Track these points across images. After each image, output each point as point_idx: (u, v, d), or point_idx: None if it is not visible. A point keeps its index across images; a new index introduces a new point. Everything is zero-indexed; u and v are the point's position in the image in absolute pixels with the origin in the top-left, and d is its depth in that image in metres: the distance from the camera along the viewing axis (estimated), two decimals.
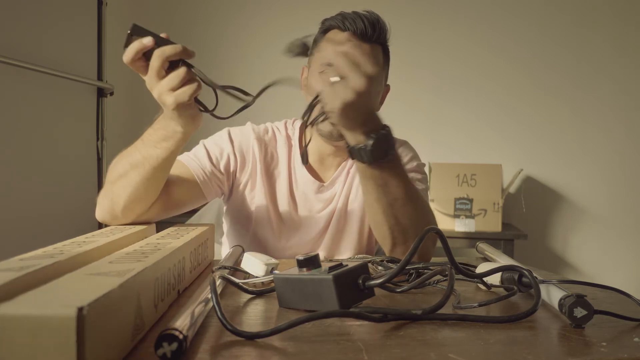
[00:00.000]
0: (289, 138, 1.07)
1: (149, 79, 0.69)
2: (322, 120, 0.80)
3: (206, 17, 2.61)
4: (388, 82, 1.05)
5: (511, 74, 2.50)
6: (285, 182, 1.03)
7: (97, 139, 2.25)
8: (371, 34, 0.94)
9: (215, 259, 0.90)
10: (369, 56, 0.80)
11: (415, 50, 2.53)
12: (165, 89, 0.68)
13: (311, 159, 1.06)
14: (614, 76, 2.45)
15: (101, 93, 2.25)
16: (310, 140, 1.04)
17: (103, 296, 0.35)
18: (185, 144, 0.79)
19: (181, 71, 0.67)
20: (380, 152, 0.73)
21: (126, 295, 0.40)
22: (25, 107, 1.81)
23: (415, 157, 1.08)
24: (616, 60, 2.45)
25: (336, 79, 0.67)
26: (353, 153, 0.74)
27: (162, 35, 0.68)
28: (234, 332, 0.45)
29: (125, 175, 0.81)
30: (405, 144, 1.10)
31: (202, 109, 0.75)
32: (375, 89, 0.98)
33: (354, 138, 0.73)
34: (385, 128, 0.74)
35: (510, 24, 2.50)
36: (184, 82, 0.67)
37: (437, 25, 2.53)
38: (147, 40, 0.66)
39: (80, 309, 0.31)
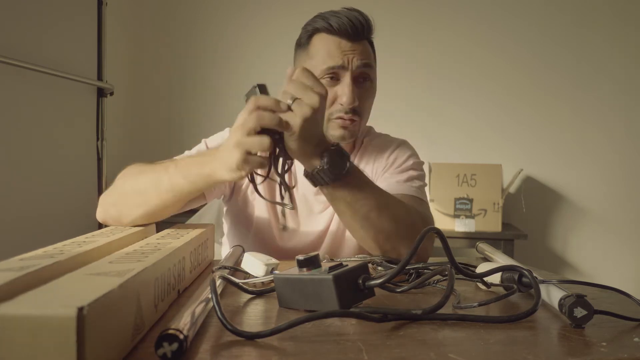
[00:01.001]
0: None
1: (241, 127, 0.66)
2: (282, 162, 0.75)
3: (206, 17, 2.61)
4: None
5: (511, 74, 2.50)
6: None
7: (97, 139, 2.25)
8: (361, 30, 0.93)
9: (215, 259, 0.90)
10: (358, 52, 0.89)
11: (416, 50, 2.53)
12: (247, 145, 0.66)
13: None
14: (614, 76, 2.45)
15: (101, 93, 2.25)
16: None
17: (103, 296, 0.35)
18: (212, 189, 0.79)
19: (266, 143, 0.65)
20: (338, 167, 0.73)
21: (126, 295, 0.40)
22: (25, 107, 1.81)
23: (413, 154, 1.08)
24: (616, 60, 2.45)
25: (289, 101, 0.68)
26: (314, 179, 0.74)
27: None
28: (234, 332, 0.45)
29: (144, 193, 0.79)
30: (404, 143, 1.10)
31: (251, 180, 0.74)
32: (371, 86, 0.99)
33: (310, 163, 0.73)
34: (334, 145, 0.74)
35: (510, 24, 2.50)
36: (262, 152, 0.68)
37: (437, 25, 2.53)
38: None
39: (80, 309, 0.31)
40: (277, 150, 0.71)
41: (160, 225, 0.86)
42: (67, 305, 0.32)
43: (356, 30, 0.93)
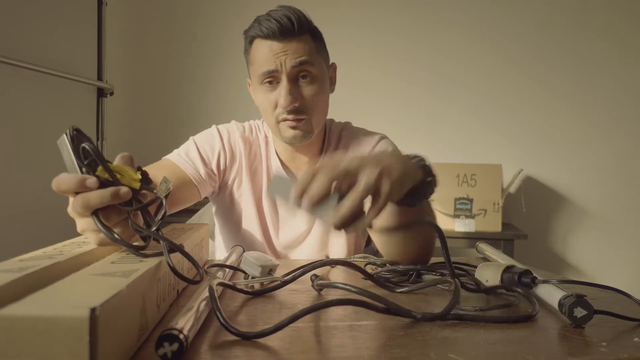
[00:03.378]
0: (266, 136, 1.09)
1: (72, 210, 0.54)
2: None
3: (206, 17, 2.61)
4: (334, 61, 1.05)
5: (511, 74, 2.50)
6: (265, 180, 1.05)
7: (97, 139, 2.25)
8: (290, 29, 0.91)
9: (209, 258, 0.90)
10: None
11: (415, 50, 2.53)
12: (84, 227, 0.56)
13: (282, 158, 1.07)
14: (614, 76, 2.45)
15: (101, 93, 2.25)
16: None
17: (113, 296, 0.35)
18: None
19: (91, 224, 0.53)
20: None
21: (133, 296, 0.40)
22: (25, 107, 1.81)
23: (396, 149, 1.07)
24: (616, 60, 2.45)
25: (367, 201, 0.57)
26: (425, 190, 0.67)
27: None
28: (237, 335, 0.45)
29: None
30: (385, 137, 1.09)
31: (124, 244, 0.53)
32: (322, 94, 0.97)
33: (414, 178, 0.65)
34: (416, 156, 0.69)
35: (510, 24, 2.50)
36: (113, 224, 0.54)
37: (437, 25, 2.53)
38: (91, 182, 0.50)
39: (92, 310, 0.31)
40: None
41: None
42: (80, 306, 0.31)
43: (284, 31, 0.91)
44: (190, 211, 1.35)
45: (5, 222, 1.70)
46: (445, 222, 2.20)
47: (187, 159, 0.99)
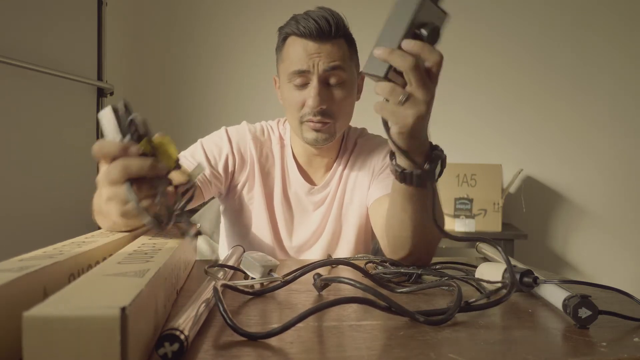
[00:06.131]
0: (281, 138, 1.07)
1: (105, 177, 0.55)
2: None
3: (206, 17, 2.61)
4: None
5: (511, 74, 2.50)
6: (279, 183, 1.04)
7: (97, 139, 2.25)
8: (328, 31, 0.92)
9: (208, 258, 0.90)
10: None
11: None
12: (113, 196, 0.56)
13: (300, 161, 1.06)
14: (614, 76, 2.45)
15: (101, 93, 2.25)
16: None
17: (137, 296, 0.35)
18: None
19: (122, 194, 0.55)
20: (439, 171, 0.69)
21: (149, 295, 0.40)
22: (25, 107, 1.81)
23: None
24: (616, 60, 2.45)
25: (402, 98, 0.65)
26: (415, 180, 0.68)
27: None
28: (245, 336, 0.44)
29: (99, 213, 0.68)
30: (385, 142, 1.09)
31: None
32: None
33: (411, 161, 0.68)
34: (435, 146, 0.70)
35: (510, 24, 2.50)
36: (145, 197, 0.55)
37: None
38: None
39: (123, 309, 0.31)
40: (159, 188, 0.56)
41: None
42: (111, 306, 0.32)
43: (322, 32, 0.91)
44: (191, 210, 1.35)
45: (5, 222, 1.70)
46: (446, 222, 2.20)
47: (191, 159, 0.99)
